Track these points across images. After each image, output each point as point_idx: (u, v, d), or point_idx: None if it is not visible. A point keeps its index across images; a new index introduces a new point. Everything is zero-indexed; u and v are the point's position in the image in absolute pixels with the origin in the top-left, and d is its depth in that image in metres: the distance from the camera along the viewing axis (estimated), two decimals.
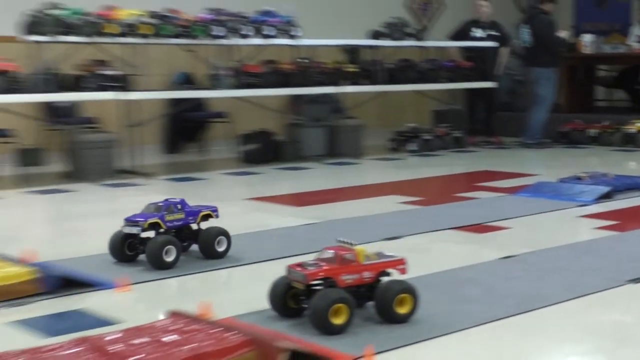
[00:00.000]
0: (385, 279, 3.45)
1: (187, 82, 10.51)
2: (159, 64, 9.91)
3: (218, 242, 4.59)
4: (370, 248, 3.60)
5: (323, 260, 3.40)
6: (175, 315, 3.28)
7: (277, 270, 4.46)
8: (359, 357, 2.96)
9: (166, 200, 4.62)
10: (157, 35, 8.74)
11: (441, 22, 13.81)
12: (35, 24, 8.14)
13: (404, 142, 10.96)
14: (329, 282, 3.30)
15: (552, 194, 6.71)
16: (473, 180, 8.23)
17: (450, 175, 8.86)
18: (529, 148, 11.01)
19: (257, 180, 8.51)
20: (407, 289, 3.37)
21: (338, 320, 3.19)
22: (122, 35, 8.54)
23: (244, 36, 9.39)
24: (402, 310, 3.35)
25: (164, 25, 8.77)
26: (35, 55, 8.29)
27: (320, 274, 3.31)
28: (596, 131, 11.18)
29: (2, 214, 6.83)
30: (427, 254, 4.93)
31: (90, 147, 8.60)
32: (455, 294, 3.89)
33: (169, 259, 4.35)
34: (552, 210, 6.22)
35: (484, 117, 12.31)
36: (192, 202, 6.54)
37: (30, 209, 7.12)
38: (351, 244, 3.46)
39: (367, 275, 3.41)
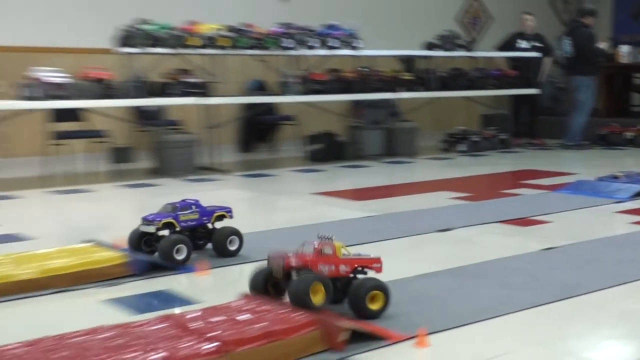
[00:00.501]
0: (360, 276, 3.32)
1: (259, 88, 10.56)
2: (235, 73, 9.96)
3: (230, 242, 4.40)
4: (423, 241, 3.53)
5: (303, 252, 3.27)
6: (248, 297, 3.30)
7: None
8: (413, 337, 2.95)
9: (183, 200, 4.50)
10: (233, 47, 8.79)
11: (489, 35, 13.63)
12: (128, 38, 8.26)
13: (454, 143, 10.89)
14: (307, 269, 3.18)
15: (591, 192, 6.59)
16: (517, 178, 8.12)
17: (497, 173, 8.74)
18: (569, 149, 10.82)
19: (322, 177, 8.51)
20: (380, 287, 3.22)
21: (316, 300, 3.08)
22: (203, 47, 8.62)
23: (311, 47, 9.41)
24: (374, 306, 3.20)
25: (240, 38, 8.83)
26: (127, 65, 8.40)
27: (299, 262, 3.20)
28: (632, 134, 11.01)
29: (97, 205, 6.95)
30: (476, 244, 4.88)
31: (174, 147, 8.70)
32: (501, 281, 3.84)
33: (180, 257, 4.19)
34: (591, 206, 6.10)
35: (528, 121, 12.13)
36: (264, 196, 6.59)
37: (121, 201, 7.22)
38: (330, 239, 3.33)
39: (343, 268, 3.27)
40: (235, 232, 4.48)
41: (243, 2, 10.90)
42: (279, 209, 6.49)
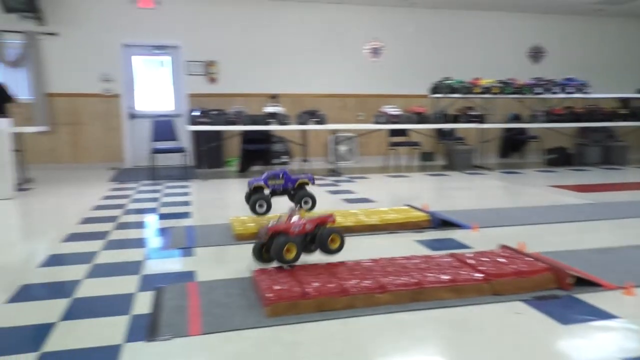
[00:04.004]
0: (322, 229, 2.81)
1: (516, 118, 9.85)
2: (501, 109, 9.45)
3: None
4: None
5: (282, 221, 2.80)
6: (504, 247, 3.11)
7: (566, 229, 4.00)
8: (622, 287, 2.54)
9: (276, 171, 3.85)
10: (501, 93, 8.35)
11: None
12: (436, 88, 8.25)
13: None
14: (283, 233, 2.72)
15: None
16: None
17: None
18: None
19: (555, 176, 7.69)
20: (336, 232, 2.76)
21: (289, 256, 2.66)
22: (482, 93, 8.30)
23: (554, 93, 8.60)
24: (334, 246, 2.76)
25: (506, 87, 8.36)
26: (435, 104, 8.38)
27: (278, 228, 2.73)
28: None
29: (412, 185, 7.00)
30: None
31: (459, 152, 8.48)
32: None
33: (261, 210, 3.68)
34: None
35: None
36: (514, 186, 6.13)
37: (425, 183, 7.19)
38: (296, 209, 2.88)
39: (308, 226, 2.77)
40: (310, 196, 3.77)
41: (509, 65, 10.26)
42: (524, 194, 5.98)
